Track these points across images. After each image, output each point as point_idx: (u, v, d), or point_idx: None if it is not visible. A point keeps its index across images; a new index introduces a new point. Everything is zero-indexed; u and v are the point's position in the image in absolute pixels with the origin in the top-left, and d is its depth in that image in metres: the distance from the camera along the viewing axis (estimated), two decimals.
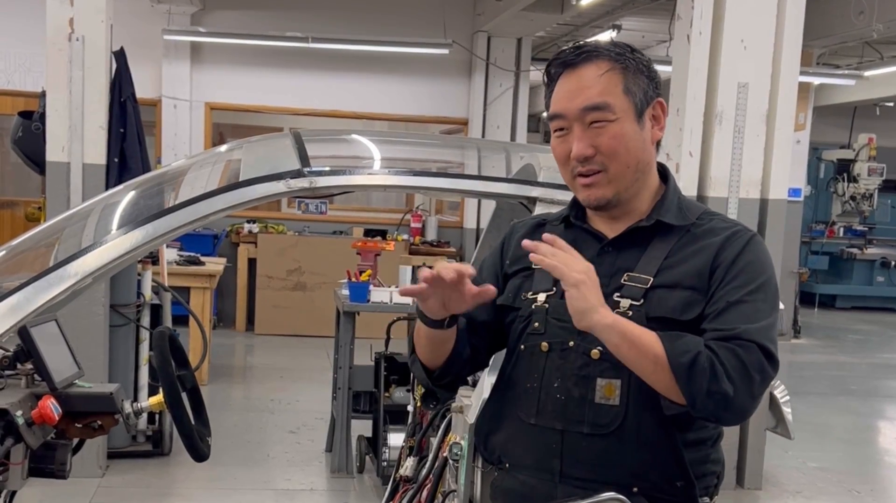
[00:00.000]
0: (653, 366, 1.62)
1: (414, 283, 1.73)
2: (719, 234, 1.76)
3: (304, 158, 2.46)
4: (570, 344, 1.73)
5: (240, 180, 2.42)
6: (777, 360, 1.65)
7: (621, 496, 1.67)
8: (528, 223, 1.98)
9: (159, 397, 2.11)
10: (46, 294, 2.14)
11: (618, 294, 1.72)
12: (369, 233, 9.24)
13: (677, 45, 5.19)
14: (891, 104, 13.09)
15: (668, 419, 1.67)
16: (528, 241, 1.68)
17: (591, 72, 1.74)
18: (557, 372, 1.74)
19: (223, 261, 7.71)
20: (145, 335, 5.03)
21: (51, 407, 1.95)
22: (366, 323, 5.51)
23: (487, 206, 8.62)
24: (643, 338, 1.62)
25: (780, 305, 1.98)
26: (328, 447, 5.44)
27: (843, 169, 13.00)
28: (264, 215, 9.81)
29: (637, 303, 1.70)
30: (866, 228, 13.61)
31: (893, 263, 13.52)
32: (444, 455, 2.49)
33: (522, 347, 1.80)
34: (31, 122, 5.03)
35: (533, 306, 1.80)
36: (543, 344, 1.76)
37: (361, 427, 5.22)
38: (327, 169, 2.50)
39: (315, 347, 8.31)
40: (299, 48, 8.96)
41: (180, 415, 2.04)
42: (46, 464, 2.04)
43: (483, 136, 9.72)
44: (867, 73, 10.35)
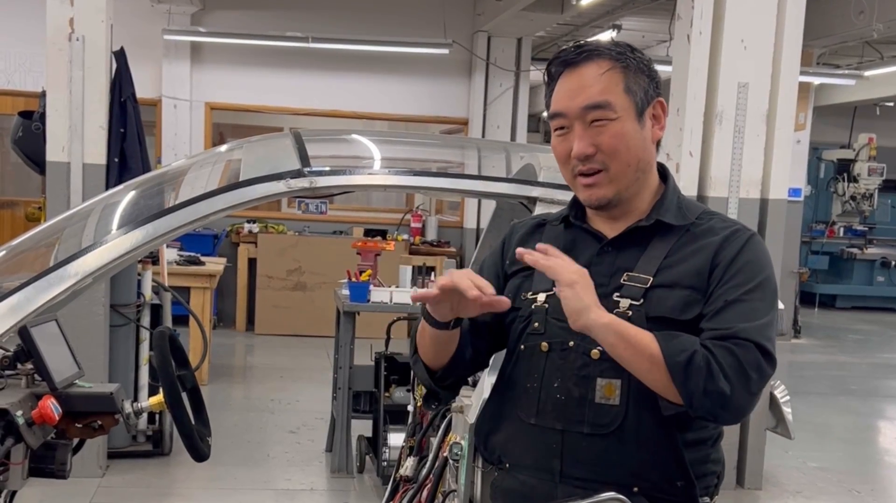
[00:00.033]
0: (649, 366, 1.62)
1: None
2: (718, 233, 1.76)
3: (304, 158, 2.46)
4: (570, 344, 1.73)
5: (240, 180, 2.42)
6: (774, 359, 1.64)
7: (621, 496, 1.67)
8: (528, 223, 1.98)
9: (159, 397, 2.11)
10: (47, 294, 2.14)
11: (618, 294, 1.72)
12: (369, 233, 9.25)
13: (677, 45, 5.19)
14: (891, 104, 13.08)
15: (669, 419, 1.67)
16: (521, 248, 1.69)
17: (592, 71, 1.74)
18: (557, 372, 1.74)
19: (223, 261, 7.71)
20: (145, 335, 5.04)
21: (51, 407, 1.95)
22: (366, 323, 5.52)
23: (487, 206, 8.62)
24: (639, 338, 1.63)
25: (780, 305, 1.99)
26: (328, 447, 5.44)
27: (844, 169, 13.00)
28: (264, 215, 9.81)
29: (637, 302, 1.70)
30: (866, 228, 13.62)
31: (894, 263, 13.52)
32: (445, 455, 2.49)
33: (522, 347, 1.80)
34: (32, 122, 5.03)
35: (533, 306, 1.80)
36: (543, 344, 1.76)
37: (361, 427, 5.22)
38: (327, 169, 2.50)
39: (315, 347, 8.31)
40: (299, 48, 8.96)
41: (180, 415, 2.04)
42: (47, 464, 2.04)
43: (483, 136, 9.72)
44: (867, 73, 10.34)
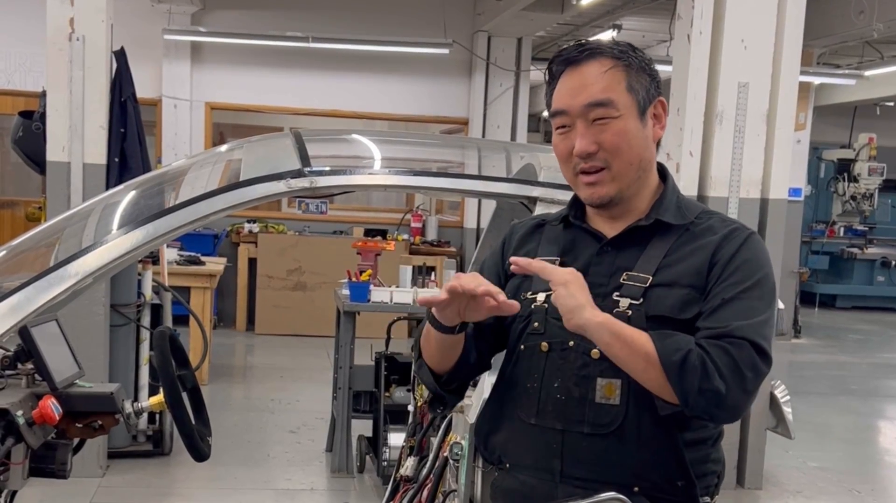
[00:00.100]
0: (644, 365, 1.62)
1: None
2: (717, 232, 1.76)
3: (304, 158, 2.46)
4: (570, 343, 1.73)
5: (240, 180, 2.42)
6: (770, 357, 1.64)
7: (622, 496, 1.67)
8: (528, 223, 1.98)
9: (160, 397, 2.11)
10: (47, 294, 2.14)
11: (617, 293, 1.72)
12: (369, 232, 9.25)
13: (678, 45, 5.19)
14: (891, 104, 13.08)
15: (669, 419, 1.67)
16: (513, 257, 1.70)
17: (594, 69, 1.73)
18: (557, 372, 1.74)
19: (223, 260, 7.71)
20: (146, 335, 5.04)
21: (51, 406, 1.95)
22: (366, 323, 5.52)
23: (488, 205, 8.62)
24: (634, 337, 1.63)
25: (781, 304, 1.99)
26: (328, 447, 5.44)
27: (844, 168, 12.99)
28: (264, 215, 9.81)
29: (636, 302, 1.70)
30: (867, 228, 13.61)
31: (894, 263, 13.52)
32: (445, 455, 2.49)
33: (522, 347, 1.80)
34: (32, 122, 5.03)
35: (532, 306, 1.79)
36: (543, 344, 1.76)
37: (362, 427, 5.22)
38: (328, 169, 2.50)
39: (315, 347, 8.31)
40: (299, 48, 8.96)
41: (181, 414, 2.04)
42: (47, 464, 2.04)
43: (483, 136, 9.72)
44: (867, 73, 10.34)
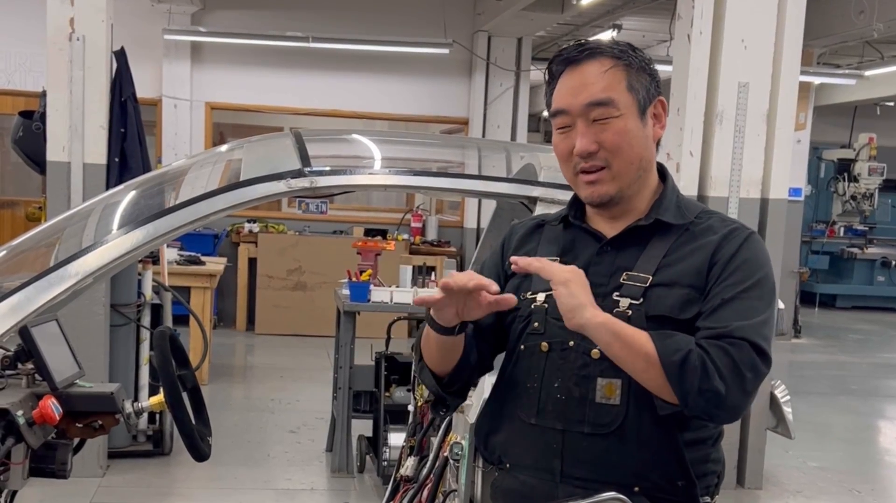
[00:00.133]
0: (644, 365, 1.62)
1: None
2: (717, 231, 1.76)
3: (304, 158, 2.46)
4: (570, 343, 1.73)
5: (240, 180, 2.42)
6: (769, 358, 1.64)
7: (622, 496, 1.67)
8: (528, 224, 1.98)
9: (160, 397, 2.11)
10: (47, 294, 2.14)
11: (617, 293, 1.72)
12: (370, 232, 9.25)
13: (678, 45, 5.19)
14: (891, 104, 13.08)
15: (669, 419, 1.67)
16: (513, 256, 1.70)
17: (595, 68, 1.73)
18: (558, 372, 1.74)
19: (223, 260, 7.71)
20: (146, 335, 5.04)
21: (51, 406, 1.95)
22: (366, 322, 5.52)
23: (488, 205, 8.62)
24: (634, 337, 1.63)
25: (781, 304, 1.99)
26: (329, 447, 5.44)
27: (844, 168, 12.99)
28: (265, 215, 9.81)
29: (636, 301, 1.70)
30: (867, 228, 13.61)
31: (894, 263, 13.52)
32: (445, 455, 2.49)
33: (522, 347, 1.80)
34: (32, 122, 5.03)
35: (532, 306, 1.79)
36: (543, 344, 1.76)
37: (362, 427, 5.22)
38: (328, 169, 2.50)
39: (315, 347, 8.31)
40: (299, 48, 8.96)
41: (181, 414, 2.03)
42: (47, 464, 2.04)
43: (483, 136, 9.72)
44: (867, 73, 10.34)
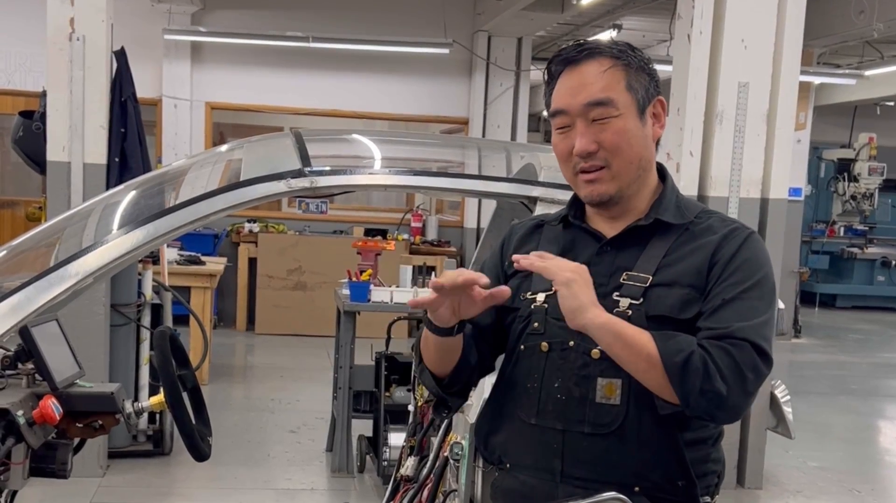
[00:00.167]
0: (646, 366, 1.62)
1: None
2: (717, 231, 1.76)
3: (304, 158, 2.46)
4: (570, 343, 1.73)
5: (240, 180, 2.42)
6: (770, 358, 1.64)
7: (622, 496, 1.67)
8: (527, 224, 1.97)
9: (160, 397, 2.11)
10: (47, 294, 2.14)
11: (617, 293, 1.72)
12: (370, 232, 9.25)
13: (678, 45, 5.19)
14: (891, 103, 13.08)
15: (669, 418, 1.67)
16: (516, 255, 1.69)
17: (594, 68, 1.74)
18: (558, 372, 1.74)
19: (224, 260, 7.72)
20: (146, 335, 5.04)
21: (52, 406, 1.95)
22: (366, 322, 5.52)
23: (488, 205, 8.62)
24: (636, 338, 1.62)
25: (781, 304, 1.99)
26: (329, 447, 5.44)
27: (844, 168, 12.99)
28: (265, 215, 9.81)
29: (636, 301, 1.70)
30: (867, 228, 13.61)
31: (894, 263, 13.52)
32: (445, 455, 2.49)
33: (522, 347, 1.80)
34: (32, 122, 5.04)
35: (532, 306, 1.79)
36: (543, 344, 1.76)
37: (362, 426, 5.22)
38: (328, 168, 2.50)
39: (315, 347, 8.31)
40: (299, 48, 8.96)
41: (181, 414, 2.03)
42: (47, 464, 2.04)
43: (483, 136, 9.72)
44: (868, 73, 10.34)
